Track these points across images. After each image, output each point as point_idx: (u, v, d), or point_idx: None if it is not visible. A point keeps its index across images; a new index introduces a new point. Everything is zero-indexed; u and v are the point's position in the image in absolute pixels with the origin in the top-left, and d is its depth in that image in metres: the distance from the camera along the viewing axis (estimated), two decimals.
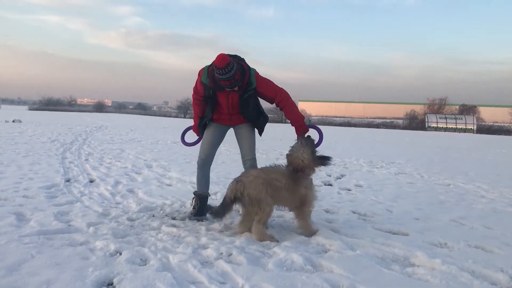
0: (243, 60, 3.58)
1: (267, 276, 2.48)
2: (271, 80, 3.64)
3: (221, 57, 3.25)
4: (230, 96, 3.53)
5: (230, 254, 2.86)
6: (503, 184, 6.71)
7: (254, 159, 3.70)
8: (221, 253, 2.87)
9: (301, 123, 3.57)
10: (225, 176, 6.18)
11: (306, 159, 3.28)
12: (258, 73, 3.58)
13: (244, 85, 3.46)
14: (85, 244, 2.93)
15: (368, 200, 4.98)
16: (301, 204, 3.32)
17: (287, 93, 3.64)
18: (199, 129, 3.87)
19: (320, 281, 2.43)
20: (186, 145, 4.21)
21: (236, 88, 3.44)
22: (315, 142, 3.50)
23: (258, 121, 3.75)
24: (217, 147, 3.88)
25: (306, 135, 3.52)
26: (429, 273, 2.63)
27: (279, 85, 3.65)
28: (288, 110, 3.60)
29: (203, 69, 3.57)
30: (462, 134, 35.93)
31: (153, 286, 2.30)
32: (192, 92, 3.77)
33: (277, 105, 3.63)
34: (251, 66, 3.57)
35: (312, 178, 3.44)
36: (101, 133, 15.27)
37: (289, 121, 3.63)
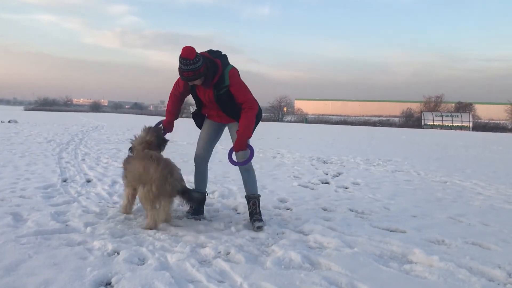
0: (223, 56, 3.50)
1: (265, 274, 2.49)
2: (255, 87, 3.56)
3: (188, 49, 3.23)
4: (207, 92, 3.51)
5: (228, 253, 2.86)
6: (499, 181, 6.75)
7: None
8: (219, 252, 2.86)
9: (244, 139, 3.41)
10: (223, 175, 6.17)
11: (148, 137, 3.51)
12: (236, 74, 3.48)
13: (213, 81, 3.40)
14: (83, 244, 2.92)
15: (365, 198, 5.00)
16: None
17: (256, 107, 3.49)
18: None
19: (319, 279, 2.44)
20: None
21: (197, 82, 3.35)
22: (247, 158, 3.53)
23: None
24: (214, 144, 3.86)
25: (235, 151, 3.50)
26: (426, 270, 2.64)
27: (253, 96, 3.53)
28: (245, 117, 3.43)
29: None
30: (458, 131, 36.08)
31: (151, 285, 2.29)
32: (172, 87, 3.71)
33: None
34: (234, 66, 3.49)
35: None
36: (97, 133, 15.21)
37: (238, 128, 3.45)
